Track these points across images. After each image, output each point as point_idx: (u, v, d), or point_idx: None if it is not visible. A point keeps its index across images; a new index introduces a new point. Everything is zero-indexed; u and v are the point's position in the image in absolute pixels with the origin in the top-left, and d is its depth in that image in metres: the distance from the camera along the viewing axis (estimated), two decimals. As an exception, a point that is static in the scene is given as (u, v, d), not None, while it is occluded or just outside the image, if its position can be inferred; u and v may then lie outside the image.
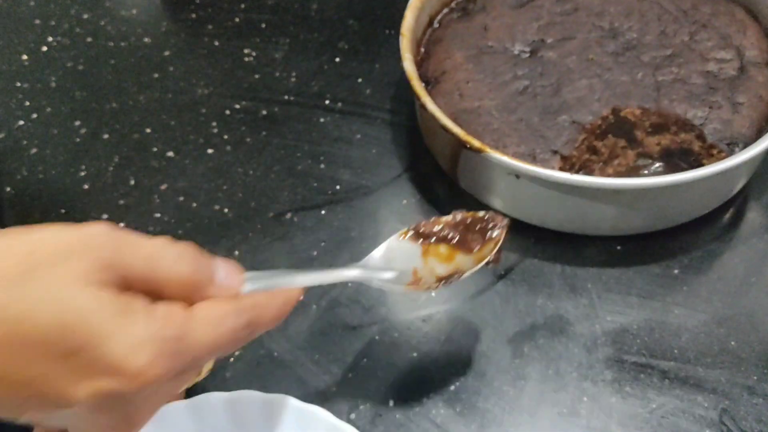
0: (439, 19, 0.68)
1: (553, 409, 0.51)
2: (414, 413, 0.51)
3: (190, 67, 0.74)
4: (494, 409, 0.51)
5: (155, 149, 0.67)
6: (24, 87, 0.72)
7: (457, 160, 0.59)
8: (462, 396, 0.52)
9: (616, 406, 0.51)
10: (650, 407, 0.51)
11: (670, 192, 0.55)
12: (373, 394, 0.51)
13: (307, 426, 0.46)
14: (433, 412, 0.51)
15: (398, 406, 0.51)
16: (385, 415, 0.51)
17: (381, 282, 0.44)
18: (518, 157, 0.55)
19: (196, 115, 0.69)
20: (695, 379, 0.52)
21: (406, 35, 0.62)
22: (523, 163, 0.53)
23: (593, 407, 0.51)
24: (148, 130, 0.68)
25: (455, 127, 0.56)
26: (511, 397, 0.51)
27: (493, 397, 0.51)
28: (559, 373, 0.53)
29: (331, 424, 0.46)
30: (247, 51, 0.75)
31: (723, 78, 0.60)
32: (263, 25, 0.78)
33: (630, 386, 0.52)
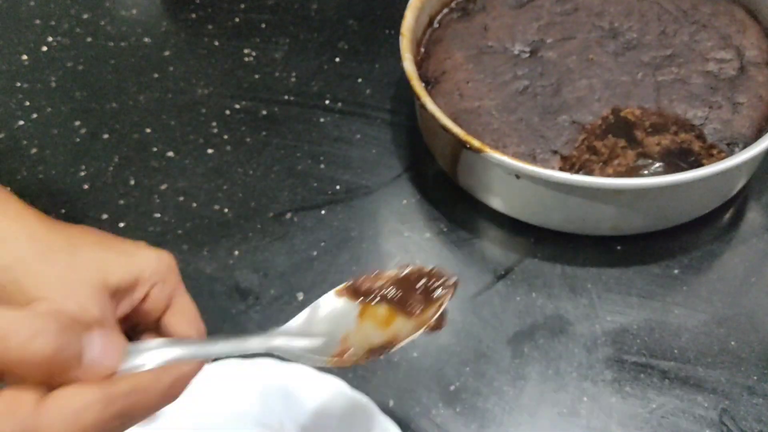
0: (439, 19, 0.68)
1: (553, 409, 0.51)
2: (414, 413, 0.51)
3: (190, 67, 0.74)
4: (494, 409, 0.51)
5: (155, 149, 0.67)
6: (24, 87, 0.72)
7: (457, 160, 0.59)
8: (462, 396, 0.51)
9: (616, 406, 0.51)
10: (650, 407, 0.51)
11: (670, 192, 0.55)
12: (373, 394, 0.51)
13: (320, 393, 0.49)
14: (433, 412, 0.51)
15: (398, 406, 0.51)
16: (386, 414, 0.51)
17: (300, 352, 0.38)
18: (518, 157, 0.55)
19: (196, 115, 0.69)
20: (695, 379, 0.52)
21: (406, 35, 0.62)
22: (523, 163, 0.53)
23: (593, 407, 0.51)
24: (148, 130, 0.68)
25: (455, 127, 0.56)
26: (511, 397, 0.51)
27: (493, 397, 0.51)
28: (559, 373, 0.53)
29: (347, 396, 0.48)
30: (247, 51, 0.75)
31: (723, 78, 0.60)
32: (263, 25, 0.78)
33: (630, 386, 0.52)
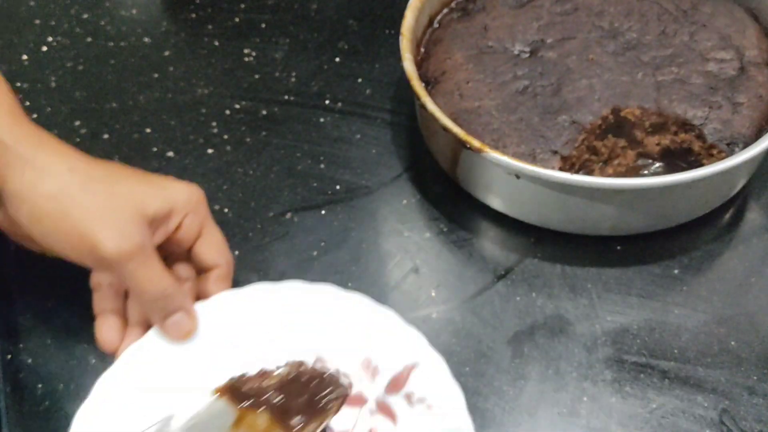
0: (439, 19, 0.68)
1: (553, 409, 0.51)
2: (414, 413, 0.51)
3: (190, 67, 0.74)
4: (494, 409, 0.51)
5: (155, 149, 0.67)
6: (24, 87, 0.72)
7: (457, 160, 0.59)
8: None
9: (616, 406, 0.51)
10: (650, 407, 0.51)
11: (670, 192, 0.55)
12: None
13: (348, 310, 0.49)
14: (433, 412, 0.51)
15: (398, 406, 0.51)
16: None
17: None
18: (518, 157, 0.55)
19: (196, 115, 0.69)
20: (695, 379, 0.52)
21: (406, 35, 0.62)
22: (523, 163, 0.53)
23: (593, 407, 0.51)
24: (148, 130, 0.68)
25: (455, 127, 0.56)
26: (511, 397, 0.51)
27: (493, 397, 0.51)
28: (559, 373, 0.53)
29: (373, 309, 0.49)
30: (247, 51, 0.75)
31: (723, 78, 0.60)
32: (263, 25, 0.78)
33: (630, 386, 0.52)
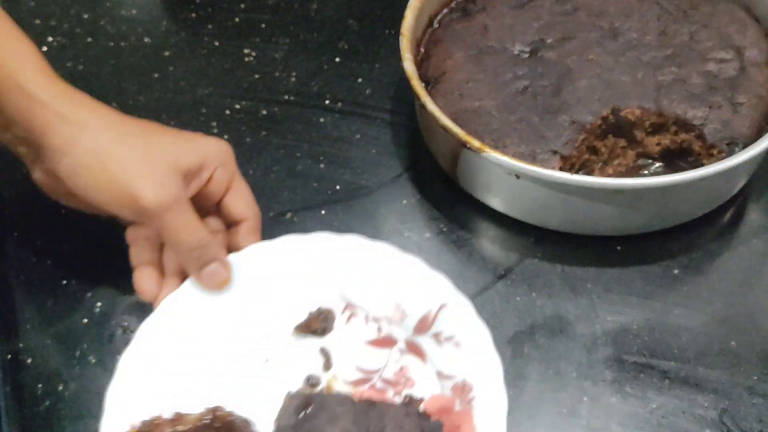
0: (439, 19, 0.68)
1: (553, 409, 0.51)
2: (414, 413, 0.51)
3: (190, 67, 0.74)
4: (494, 409, 0.51)
5: (155, 149, 0.67)
6: (24, 87, 0.71)
7: (457, 160, 0.59)
8: (462, 396, 0.51)
9: (616, 406, 0.51)
10: (650, 407, 0.51)
11: (670, 192, 0.55)
12: (373, 394, 0.51)
13: (375, 258, 0.52)
14: (433, 412, 0.51)
15: (398, 406, 0.51)
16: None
17: None
18: (518, 157, 0.55)
19: (196, 115, 0.69)
20: (695, 379, 0.52)
21: (406, 35, 0.62)
22: (523, 163, 0.53)
23: (593, 407, 0.51)
24: (148, 130, 0.68)
25: (455, 127, 0.56)
26: (511, 397, 0.51)
27: (493, 397, 0.51)
28: (559, 373, 0.53)
29: (399, 257, 0.51)
30: (247, 51, 0.75)
31: (723, 78, 0.60)
32: (263, 25, 0.78)
33: (630, 386, 0.52)
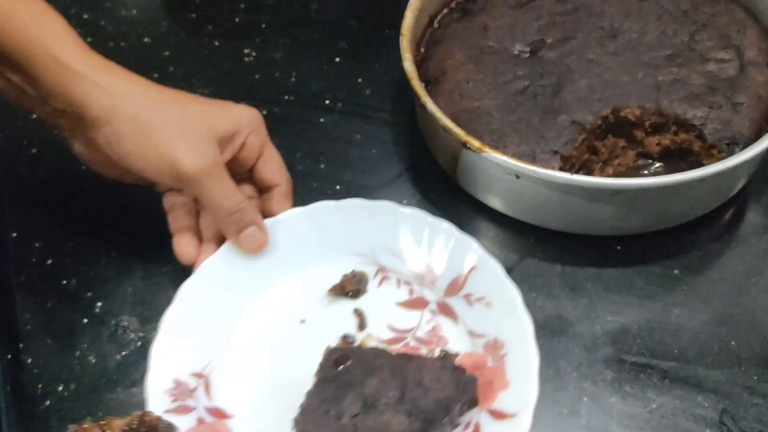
0: (439, 19, 0.68)
1: (553, 409, 0.51)
2: (414, 413, 0.51)
3: (190, 67, 0.74)
4: (494, 409, 0.51)
5: (155, 149, 0.66)
6: (24, 87, 0.71)
7: (457, 160, 0.59)
8: (462, 396, 0.51)
9: (616, 406, 0.51)
10: (650, 407, 0.51)
11: (670, 192, 0.55)
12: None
13: (405, 223, 0.54)
14: (433, 412, 0.51)
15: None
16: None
17: None
18: (518, 157, 0.55)
19: (196, 115, 0.69)
20: (695, 379, 0.52)
21: (406, 35, 0.62)
22: (523, 163, 0.53)
23: (593, 407, 0.51)
24: (148, 130, 0.68)
25: (455, 127, 0.56)
26: (511, 397, 0.51)
27: (493, 397, 0.51)
28: (559, 373, 0.53)
29: (429, 222, 0.54)
30: (247, 51, 0.75)
31: (723, 78, 0.60)
32: (263, 25, 0.78)
33: (630, 386, 0.52)
